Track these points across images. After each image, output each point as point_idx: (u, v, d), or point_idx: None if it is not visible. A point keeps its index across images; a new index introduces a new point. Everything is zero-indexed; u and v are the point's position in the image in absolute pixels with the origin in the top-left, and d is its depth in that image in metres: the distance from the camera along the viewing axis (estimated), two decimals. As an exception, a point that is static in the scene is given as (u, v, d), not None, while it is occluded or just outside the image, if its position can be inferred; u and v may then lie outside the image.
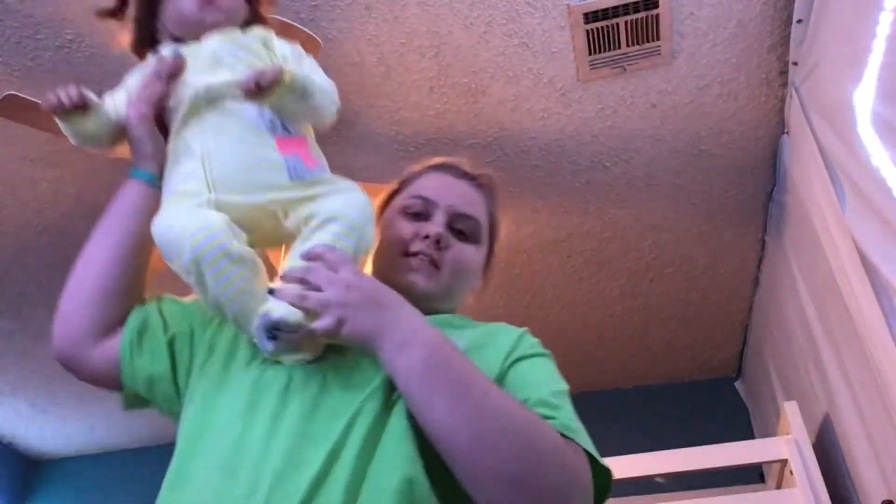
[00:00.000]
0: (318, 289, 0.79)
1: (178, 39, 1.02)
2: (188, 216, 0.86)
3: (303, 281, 0.80)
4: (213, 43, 0.98)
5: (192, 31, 1.00)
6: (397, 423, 0.77)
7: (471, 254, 1.00)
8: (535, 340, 0.92)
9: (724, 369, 3.55)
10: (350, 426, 0.76)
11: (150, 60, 1.01)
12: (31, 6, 2.00)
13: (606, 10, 2.05)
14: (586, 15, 2.07)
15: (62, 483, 3.97)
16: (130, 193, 0.97)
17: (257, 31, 1.03)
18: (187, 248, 0.83)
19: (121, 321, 0.94)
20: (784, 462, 2.24)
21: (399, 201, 1.05)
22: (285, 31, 1.84)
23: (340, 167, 1.02)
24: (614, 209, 2.71)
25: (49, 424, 3.77)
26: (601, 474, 0.79)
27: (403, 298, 0.83)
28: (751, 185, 2.61)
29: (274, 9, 1.14)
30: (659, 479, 2.37)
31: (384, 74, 2.23)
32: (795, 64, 2.11)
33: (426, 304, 0.89)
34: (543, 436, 0.74)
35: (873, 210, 1.70)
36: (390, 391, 0.80)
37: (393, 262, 0.97)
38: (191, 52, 0.98)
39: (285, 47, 1.03)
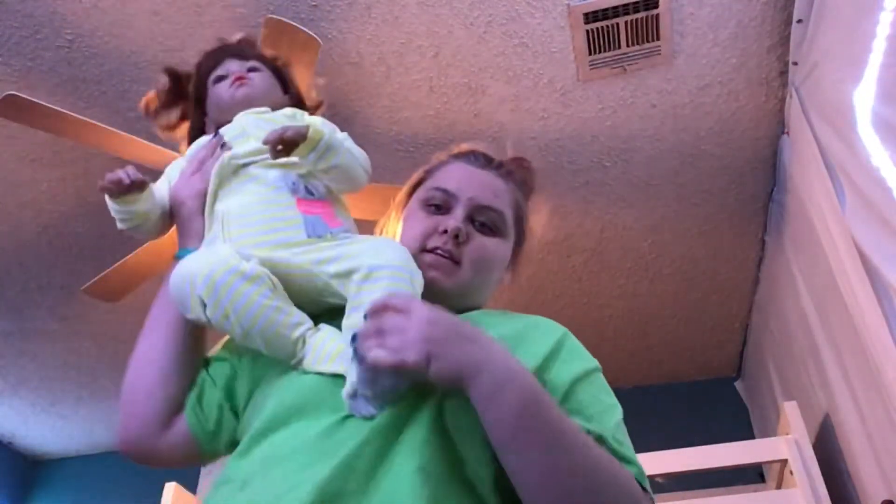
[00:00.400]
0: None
1: (219, 126, 1.06)
2: (196, 258, 0.86)
3: (378, 333, 0.73)
4: (241, 118, 1.03)
5: (230, 113, 1.04)
6: (414, 437, 0.75)
7: (493, 247, 0.96)
8: (581, 346, 0.88)
9: (724, 369, 3.55)
10: (365, 441, 0.74)
11: (194, 150, 1.05)
12: (31, 6, 2.00)
13: (606, 10, 2.05)
14: (586, 15, 2.07)
15: (62, 483, 3.97)
16: None
17: (287, 110, 1.06)
18: (200, 280, 0.82)
19: (183, 404, 0.92)
20: (784, 462, 2.24)
21: (420, 193, 1.01)
22: (285, 31, 1.85)
23: (340, 167, 1.02)
24: (614, 209, 2.71)
25: (49, 424, 3.77)
26: None
27: (480, 331, 0.77)
28: (751, 185, 2.61)
29: (321, 111, 1.17)
30: (659, 479, 2.37)
31: (384, 74, 2.23)
32: (795, 64, 2.11)
33: (449, 302, 0.85)
34: (631, 496, 0.74)
35: (873, 210, 1.70)
36: (411, 411, 0.77)
37: (416, 256, 0.93)
38: (224, 131, 1.03)
39: (315, 119, 1.05)
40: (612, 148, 2.48)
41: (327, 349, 0.82)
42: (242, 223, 0.90)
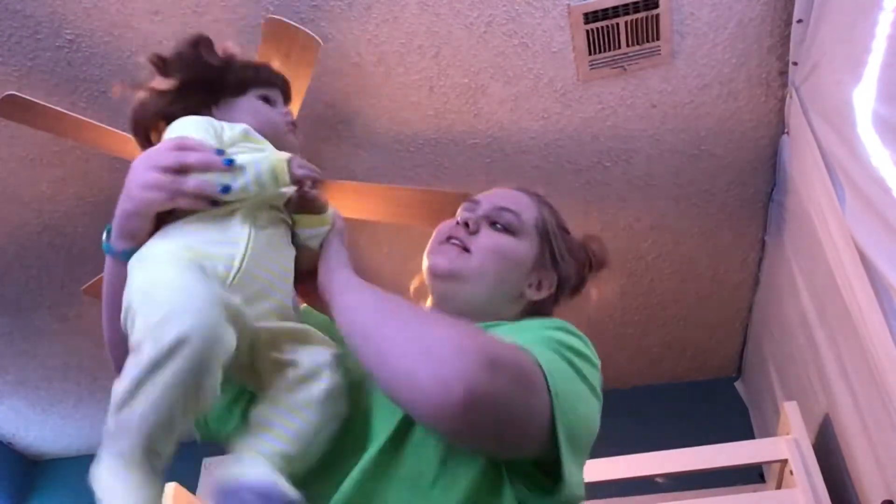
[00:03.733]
0: None
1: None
2: (195, 288, 0.70)
3: None
4: (283, 158, 0.86)
5: (269, 139, 0.92)
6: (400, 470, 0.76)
7: (506, 242, 0.98)
8: (559, 326, 0.87)
9: (724, 369, 3.55)
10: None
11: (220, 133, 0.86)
12: (31, 6, 2.00)
13: (606, 10, 2.05)
14: (586, 15, 2.06)
15: (62, 483, 3.97)
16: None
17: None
18: (186, 324, 0.66)
19: None
20: (784, 462, 2.24)
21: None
22: (285, 31, 1.85)
23: (341, 167, 1.03)
24: (614, 209, 2.71)
25: (49, 424, 3.77)
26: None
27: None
28: (751, 185, 2.61)
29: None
30: (659, 479, 2.37)
31: (384, 74, 2.23)
32: (795, 64, 2.10)
33: (458, 288, 0.94)
34: (439, 328, 0.72)
35: (873, 210, 1.69)
36: (397, 444, 0.78)
37: (428, 250, 0.99)
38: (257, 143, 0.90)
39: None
40: (612, 148, 2.47)
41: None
42: (257, 264, 0.79)
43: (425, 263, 0.98)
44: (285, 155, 0.83)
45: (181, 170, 0.77)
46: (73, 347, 3.26)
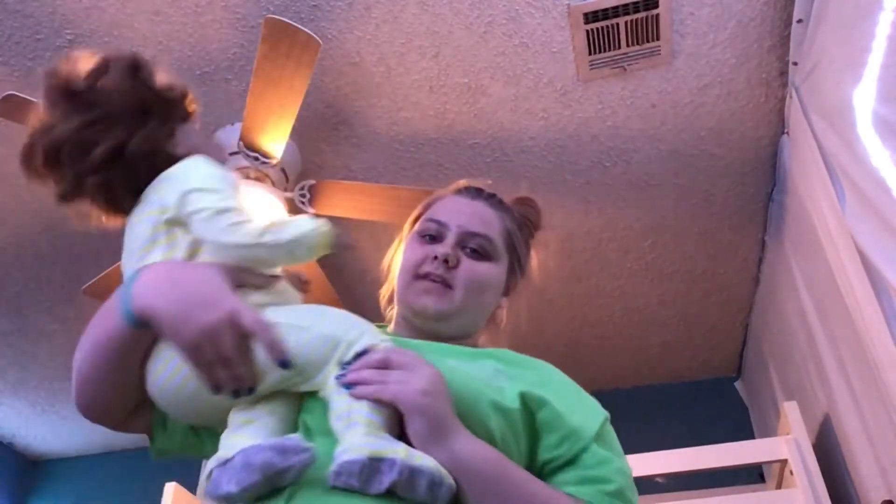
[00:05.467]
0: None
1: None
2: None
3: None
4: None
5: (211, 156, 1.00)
6: None
7: (483, 270, 1.01)
8: (614, 436, 0.93)
9: (724, 369, 3.55)
10: None
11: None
12: (31, 6, 2.00)
13: (606, 10, 2.05)
14: (586, 15, 2.07)
15: (62, 483, 3.97)
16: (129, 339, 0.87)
17: None
18: None
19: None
20: (784, 462, 2.24)
21: (417, 226, 1.07)
22: (285, 31, 1.85)
23: (340, 167, 1.03)
24: (614, 209, 2.71)
25: (49, 424, 3.77)
26: None
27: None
28: (751, 185, 2.61)
29: None
30: (659, 479, 2.37)
31: (384, 74, 2.23)
32: (795, 64, 2.11)
33: (445, 325, 0.97)
34: None
35: (873, 210, 1.70)
36: None
37: (407, 286, 0.99)
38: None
39: None
40: (612, 148, 2.47)
41: None
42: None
43: (406, 301, 0.98)
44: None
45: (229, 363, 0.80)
46: (73, 348, 3.22)
